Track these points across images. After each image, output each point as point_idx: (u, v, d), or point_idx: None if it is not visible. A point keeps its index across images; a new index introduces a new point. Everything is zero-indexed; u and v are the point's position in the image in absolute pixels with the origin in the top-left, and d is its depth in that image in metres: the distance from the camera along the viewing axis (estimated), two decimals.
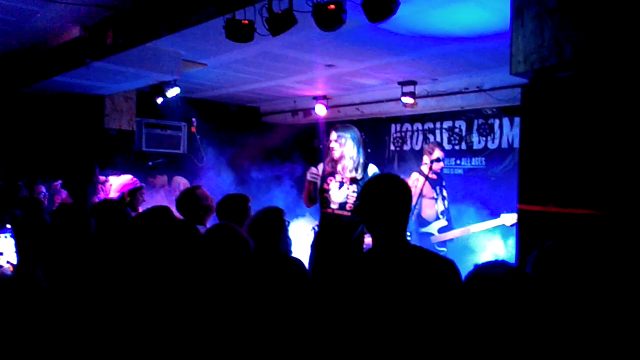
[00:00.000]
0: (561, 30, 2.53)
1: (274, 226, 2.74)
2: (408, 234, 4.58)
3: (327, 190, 3.89)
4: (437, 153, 5.36)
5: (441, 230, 5.48)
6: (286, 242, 2.82)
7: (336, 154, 3.80)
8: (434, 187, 5.48)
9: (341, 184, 3.85)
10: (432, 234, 5.48)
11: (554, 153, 2.61)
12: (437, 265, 1.91)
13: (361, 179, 3.79)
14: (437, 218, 5.50)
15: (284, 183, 8.34)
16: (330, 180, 3.89)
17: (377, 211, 1.96)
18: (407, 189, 2.00)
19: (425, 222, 5.51)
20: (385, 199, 1.96)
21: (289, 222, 2.87)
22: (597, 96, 2.48)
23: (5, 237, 3.43)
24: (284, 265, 2.62)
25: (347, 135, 3.81)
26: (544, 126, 2.67)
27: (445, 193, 5.57)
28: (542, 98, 2.70)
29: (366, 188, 2.02)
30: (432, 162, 5.31)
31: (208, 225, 3.61)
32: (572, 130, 2.55)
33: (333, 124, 8.96)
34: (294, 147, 9.56)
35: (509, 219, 4.97)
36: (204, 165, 8.04)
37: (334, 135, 3.84)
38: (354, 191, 3.81)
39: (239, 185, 7.92)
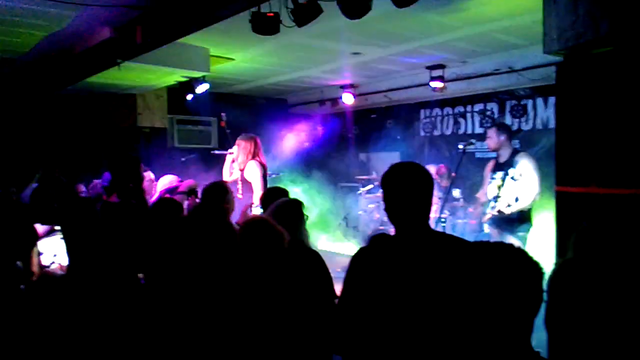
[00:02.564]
0: (596, 5, 2.44)
1: (294, 218, 2.70)
2: (444, 216, 4.57)
3: None
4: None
5: None
6: (304, 234, 2.76)
7: (234, 156, 5.25)
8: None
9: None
10: None
11: (593, 132, 2.53)
12: (463, 250, 1.83)
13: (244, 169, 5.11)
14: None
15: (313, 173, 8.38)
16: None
17: (398, 200, 1.90)
18: (428, 177, 1.92)
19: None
20: (406, 188, 1.89)
21: (307, 215, 2.83)
22: (636, 71, 2.39)
23: (60, 238, 3.51)
24: (307, 256, 2.59)
25: (240, 142, 5.16)
26: (581, 104, 2.59)
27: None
28: (578, 76, 2.62)
29: (386, 177, 1.95)
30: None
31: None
32: (612, 107, 2.46)
33: (361, 112, 9.02)
34: (323, 137, 9.56)
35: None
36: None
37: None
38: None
39: (269, 177, 7.95)
